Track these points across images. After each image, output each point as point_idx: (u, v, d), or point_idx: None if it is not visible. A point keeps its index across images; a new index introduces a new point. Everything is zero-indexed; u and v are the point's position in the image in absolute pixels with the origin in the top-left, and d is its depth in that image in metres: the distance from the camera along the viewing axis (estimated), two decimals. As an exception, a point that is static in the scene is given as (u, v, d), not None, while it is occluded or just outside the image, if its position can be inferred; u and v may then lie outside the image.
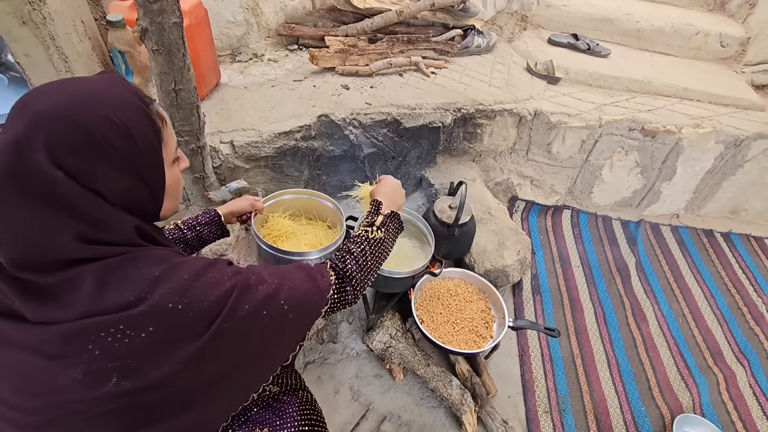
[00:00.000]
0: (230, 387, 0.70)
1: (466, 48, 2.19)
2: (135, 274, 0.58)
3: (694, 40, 2.40)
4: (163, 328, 0.57)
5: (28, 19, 1.09)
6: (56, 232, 0.54)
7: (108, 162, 0.57)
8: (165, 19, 1.14)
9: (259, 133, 1.61)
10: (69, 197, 0.54)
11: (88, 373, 0.55)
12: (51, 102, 0.55)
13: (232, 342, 0.64)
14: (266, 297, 0.66)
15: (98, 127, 0.56)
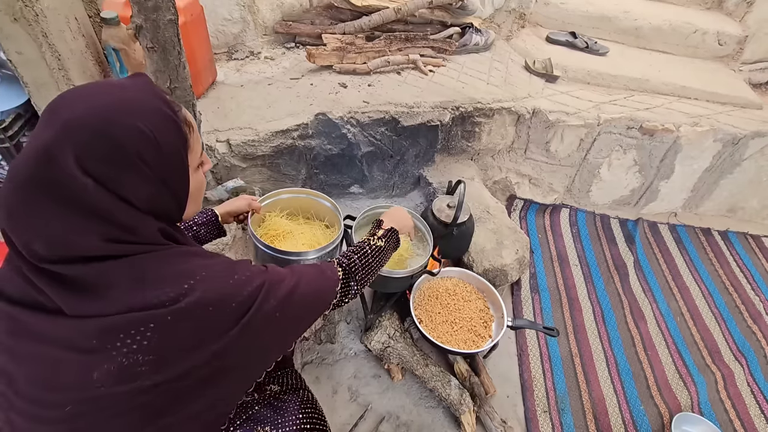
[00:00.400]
0: (241, 375, 0.73)
1: (465, 46, 2.18)
2: (171, 271, 0.60)
3: (692, 39, 2.40)
4: (198, 323, 0.60)
5: (20, 15, 1.08)
6: (84, 234, 0.56)
7: (136, 171, 0.58)
8: (160, 16, 1.12)
9: (256, 132, 1.60)
10: (97, 203, 0.56)
11: (122, 368, 0.56)
12: (81, 110, 0.56)
13: (257, 334, 0.67)
14: (288, 292, 0.71)
15: (128, 137, 0.57)
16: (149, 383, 0.58)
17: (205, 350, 0.61)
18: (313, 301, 0.79)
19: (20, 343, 0.60)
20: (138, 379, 0.57)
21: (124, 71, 1.42)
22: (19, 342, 0.60)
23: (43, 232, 0.55)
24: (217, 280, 0.63)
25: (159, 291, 0.58)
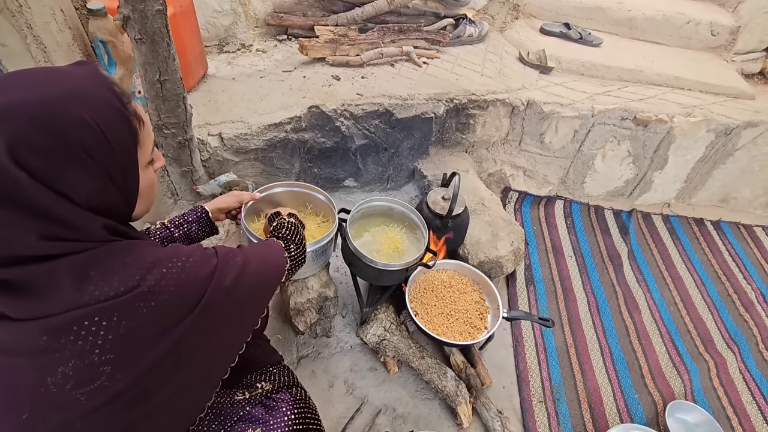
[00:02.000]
0: (208, 371, 0.73)
1: (458, 38, 2.17)
2: (119, 264, 0.57)
3: (685, 29, 2.40)
4: (154, 313, 0.58)
5: (3, 6, 1.05)
6: (19, 232, 0.51)
7: (79, 166, 0.54)
8: (147, 6, 1.10)
9: (248, 125, 1.58)
10: (32, 199, 0.51)
11: (78, 369, 0.54)
12: (21, 97, 0.51)
13: (219, 313, 0.67)
14: (242, 266, 0.72)
15: (72, 130, 0.52)
16: (112, 383, 0.55)
17: (166, 339, 0.59)
18: (267, 269, 0.81)
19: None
20: (99, 378, 0.55)
21: (113, 64, 1.40)
22: None
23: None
24: (168, 267, 0.60)
25: (106, 285, 0.55)
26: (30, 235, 0.52)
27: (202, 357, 0.68)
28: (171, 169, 1.48)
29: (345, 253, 1.44)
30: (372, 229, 1.50)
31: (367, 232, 1.48)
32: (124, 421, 0.59)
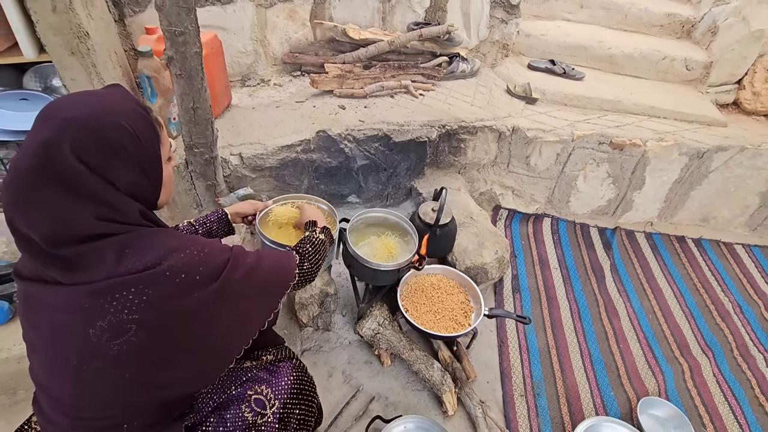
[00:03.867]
0: (223, 342, 0.87)
1: (452, 73, 2.43)
2: (149, 245, 0.73)
3: (662, 65, 2.63)
4: (172, 287, 0.72)
5: (77, 50, 1.33)
6: (80, 213, 0.68)
7: (120, 159, 0.71)
8: (188, 49, 1.37)
9: (265, 147, 1.83)
10: (90, 187, 0.68)
11: (112, 324, 0.69)
12: (74, 112, 0.69)
13: (229, 301, 0.81)
14: (253, 265, 0.86)
15: (113, 133, 0.70)
16: (136, 339, 0.70)
17: (179, 309, 0.73)
18: (277, 275, 0.95)
19: (33, 312, 0.75)
20: (126, 333, 0.69)
21: (155, 95, 1.68)
22: (32, 311, 0.75)
23: (45, 215, 0.66)
24: (188, 252, 0.75)
25: (137, 261, 0.70)
26: (89, 216, 0.68)
27: (216, 331, 0.82)
28: (197, 183, 1.72)
29: (345, 257, 1.63)
30: (370, 236, 1.70)
31: (365, 239, 1.68)
32: (148, 370, 0.76)
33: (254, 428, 0.98)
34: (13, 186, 0.67)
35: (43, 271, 0.71)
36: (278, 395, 1.03)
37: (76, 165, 0.66)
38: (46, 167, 0.65)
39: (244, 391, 1.02)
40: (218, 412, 0.99)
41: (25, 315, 0.78)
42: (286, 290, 0.98)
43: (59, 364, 0.75)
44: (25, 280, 0.74)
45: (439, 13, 2.45)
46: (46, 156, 0.65)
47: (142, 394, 0.79)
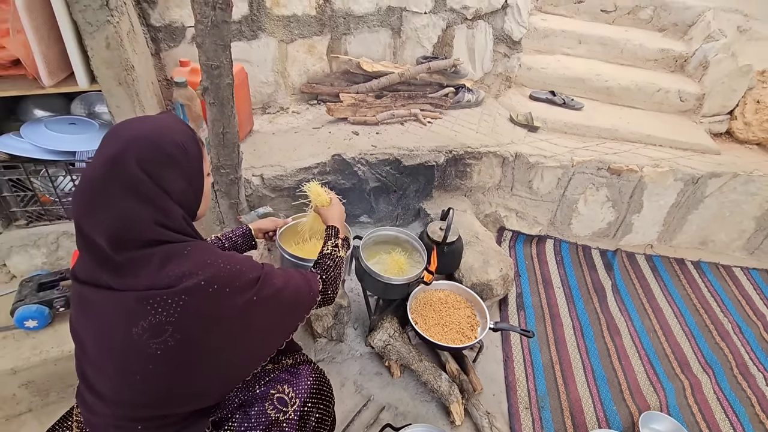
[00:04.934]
0: (248, 353, 0.96)
1: (458, 102, 2.59)
2: (189, 257, 0.82)
3: (657, 96, 2.78)
4: (204, 299, 0.80)
5: (123, 81, 1.49)
6: (141, 216, 0.78)
7: (173, 170, 0.83)
8: (221, 80, 1.53)
9: (284, 169, 1.97)
10: (150, 193, 0.79)
11: (152, 325, 0.78)
12: (137, 131, 0.82)
13: (254, 316, 0.89)
14: (279, 288, 0.94)
15: (169, 147, 0.83)
16: (172, 340, 0.80)
17: (211, 320, 0.82)
18: (298, 303, 1.02)
19: (85, 312, 0.85)
20: (164, 334, 0.78)
21: (186, 120, 1.84)
22: (84, 311, 0.85)
23: (111, 218, 0.76)
24: (221, 268, 0.83)
25: (178, 271, 0.79)
26: (148, 219, 0.79)
27: (243, 341, 0.91)
28: (221, 201, 1.85)
29: (358, 271, 1.74)
30: (381, 253, 1.80)
31: (376, 256, 1.79)
32: (182, 371, 0.85)
33: (276, 425, 1.06)
34: (83, 194, 0.79)
35: (97, 276, 0.81)
36: (299, 394, 1.11)
37: (139, 174, 0.78)
38: (114, 176, 0.77)
39: (267, 390, 1.10)
40: (243, 409, 1.07)
41: (77, 314, 0.88)
42: (308, 312, 1.07)
43: (105, 361, 0.84)
44: (81, 283, 0.85)
45: (445, 48, 2.64)
46: (114, 167, 0.77)
47: (176, 391, 0.87)
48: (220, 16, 1.38)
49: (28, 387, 1.43)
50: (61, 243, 1.64)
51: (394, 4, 2.42)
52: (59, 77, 1.44)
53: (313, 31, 2.34)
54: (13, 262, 1.60)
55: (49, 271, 1.60)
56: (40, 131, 1.48)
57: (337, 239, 1.29)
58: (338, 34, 2.40)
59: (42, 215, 1.59)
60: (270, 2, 2.17)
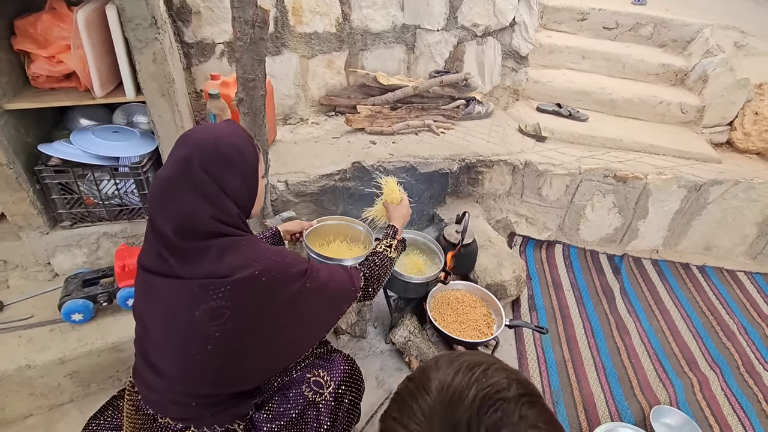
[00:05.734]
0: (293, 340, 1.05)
1: (469, 114, 2.72)
2: (244, 250, 0.91)
3: (659, 108, 2.90)
4: (259, 287, 0.90)
5: (166, 92, 1.61)
6: (201, 211, 0.88)
7: (231, 172, 0.92)
8: (256, 92, 1.65)
9: (307, 175, 2.08)
10: (210, 192, 0.88)
11: (212, 309, 0.87)
12: (203, 135, 0.92)
13: (300, 306, 0.98)
14: (325, 281, 1.04)
15: (229, 151, 0.92)
16: (230, 323, 0.89)
17: (262, 307, 0.91)
18: (340, 296, 1.10)
19: (151, 297, 0.95)
20: (222, 318, 0.87)
21: (217, 130, 1.96)
22: (151, 297, 0.95)
23: (177, 211, 0.87)
24: (273, 260, 0.92)
25: (233, 262, 0.88)
26: (206, 214, 0.88)
27: (289, 329, 1.00)
28: (249, 206, 1.96)
29: (379, 271, 1.83)
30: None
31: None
32: (235, 353, 0.95)
33: (313, 406, 1.15)
34: (157, 191, 0.90)
35: (164, 265, 0.91)
36: (333, 378, 1.20)
37: (202, 175, 0.88)
38: (182, 176, 0.88)
39: (303, 374, 1.20)
40: (281, 392, 1.17)
41: (143, 299, 0.98)
42: (348, 306, 1.15)
43: (169, 342, 0.94)
44: (147, 271, 0.95)
45: (456, 63, 2.78)
46: (183, 167, 0.88)
47: (228, 371, 0.97)
48: (257, 34, 1.51)
49: (72, 377, 1.52)
50: (101, 243, 1.75)
51: (409, 22, 2.57)
52: (108, 89, 1.57)
53: (333, 47, 2.48)
54: (57, 260, 1.71)
55: (90, 269, 1.71)
56: (88, 138, 1.60)
57: (392, 240, 1.36)
58: (356, 50, 2.55)
59: (85, 217, 1.70)
60: (293, 20, 2.32)
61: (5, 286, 1.66)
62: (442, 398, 0.44)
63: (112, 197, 1.70)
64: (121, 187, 1.68)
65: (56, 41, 1.47)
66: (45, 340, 1.48)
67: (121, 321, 1.57)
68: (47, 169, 1.56)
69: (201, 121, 2.28)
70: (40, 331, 1.51)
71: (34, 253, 1.66)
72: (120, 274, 1.55)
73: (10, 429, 1.48)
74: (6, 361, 1.40)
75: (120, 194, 1.70)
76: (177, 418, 0.98)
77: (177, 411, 0.98)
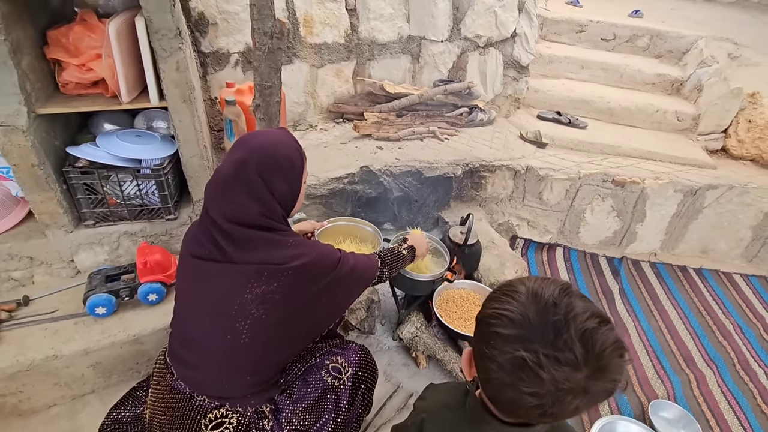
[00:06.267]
0: (323, 317, 1.20)
1: (472, 121, 2.81)
2: (294, 246, 1.04)
3: (655, 116, 2.99)
4: (302, 276, 1.03)
5: (187, 98, 1.70)
6: (250, 208, 1.00)
7: (279, 176, 1.04)
8: (272, 99, 1.75)
9: (317, 179, 2.17)
10: (260, 193, 1.01)
11: (263, 293, 1.00)
12: (258, 141, 1.05)
13: (334, 289, 1.13)
14: (352, 266, 1.18)
15: (279, 157, 1.04)
16: (278, 306, 1.02)
17: (308, 295, 1.06)
18: (364, 276, 1.26)
19: (201, 282, 1.05)
20: (271, 302, 1.02)
21: (232, 134, 2.05)
22: (202, 281, 1.05)
23: (231, 205, 0.99)
24: (314, 252, 1.07)
25: (284, 253, 1.02)
26: (255, 211, 1.00)
27: (320, 310, 1.14)
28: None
29: (387, 270, 1.91)
30: (407, 254, 1.98)
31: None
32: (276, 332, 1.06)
33: (332, 389, 1.23)
34: (215, 186, 1.02)
35: (215, 252, 1.02)
36: (351, 364, 1.28)
37: (255, 177, 1.00)
38: (237, 176, 0.99)
39: (322, 361, 1.28)
40: (302, 377, 1.24)
41: (193, 284, 1.08)
42: (367, 286, 1.30)
43: (217, 322, 1.03)
44: (198, 258, 1.05)
45: (460, 72, 2.88)
46: (239, 168, 0.99)
47: (269, 349, 1.08)
48: (275, 44, 1.61)
49: (95, 368, 1.59)
50: (122, 242, 1.83)
51: (414, 33, 2.68)
52: (133, 95, 1.67)
53: (341, 57, 2.59)
54: (79, 258, 1.79)
55: (111, 266, 1.78)
56: (113, 141, 1.69)
57: (409, 249, 1.51)
58: (363, 59, 2.65)
59: (107, 216, 1.78)
60: (304, 32, 2.42)
61: (31, 281, 1.74)
62: (528, 290, 0.62)
63: (134, 198, 1.79)
64: (143, 188, 1.76)
65: (86, 50, 1.56)
66: (70, 332, 1.56)
67: (141, 315, 1.64)
68: (74, 170, 1.64)
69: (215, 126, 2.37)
70: (64, 324, 1.59)
71: (59, 250, 1.74)
72: (142, 270, 1.63)
73: (35, 417, 1.55)
74: (34, 351, 1.47)
75: (141, 195, 1.78)
76: (214, 396, 1.06)
77: (215, 389, 1.06)
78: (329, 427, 1.19)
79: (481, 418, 0.70)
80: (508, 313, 0.60)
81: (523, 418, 0.66)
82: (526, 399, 0.57)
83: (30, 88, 1.47)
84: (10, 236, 1.68)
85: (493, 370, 0.61)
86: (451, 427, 0.75)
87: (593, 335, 0.57)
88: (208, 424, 1.06)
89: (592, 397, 0.58)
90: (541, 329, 0.58)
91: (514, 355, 0.57)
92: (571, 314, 0.58)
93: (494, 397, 0.65)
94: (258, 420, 1.10)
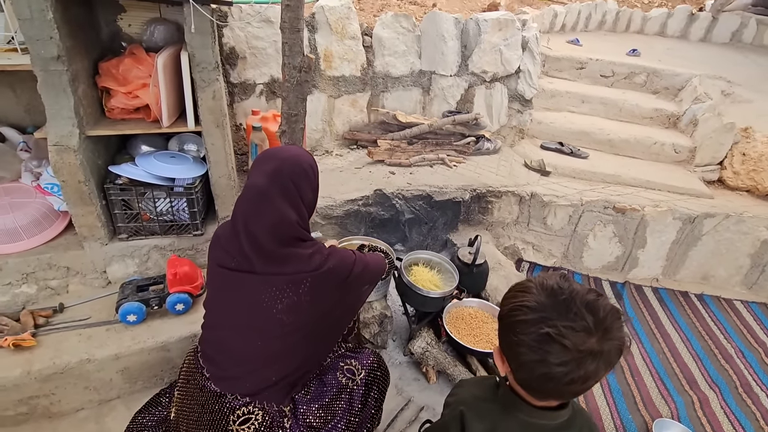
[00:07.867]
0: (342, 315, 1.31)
1: (479, 149, 2.97)
2: (315, 254, 1.13)
3: (653, 148, 3.14)
4: (328, 281, 1.13)
5: (220, 124, 1.86)
6: (288, 216, 1.09)
7: (307, 184, 1.16)
8: (297, 126, 1.90)
9: (334, 200, 2.30)
10: (295, 200, 1.10)
11: (292, 303, 1.10)
12: (285, 154, 1.16)
13: (352, 288, 1.25)
14: (366, 265, 1.28)
15: (306, 168, 1.16)
16: (306, 311, 1.12)
17: (332, 297, 1.17)
18: (377, 271, 1.37)
19: (232, 292, 1.15)
20: (300, 307, 1.11)
21: (257, 158, 2.20)
22: (231, 292, 1.15)
23: (271, 215, 1.05)
24: (337, 258, 1.16)
25: (312, 263, 1.10)
26: (292, 219, 1.09)
27: (342, 314, 1.27)
28: (282, 226, 2.18)
29: (399, 287, 2.01)
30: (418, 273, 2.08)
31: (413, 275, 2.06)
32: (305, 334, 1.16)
33: (347, 390, 1.31)
34: (251, 201, 1.10)
35: (248, 264, 1.10)
36: (364, 367, 1.37)
37: (290, 184, 1.10)
38: (274, 183, 1.09)
39: (337, 362, 1.37)
40: (319, 377, 1.33)
41: (225, 294, 1.17)
42: (379, 280, 1.42)
43: (253, 330, 1.13)
44: (229, 269, 1.14)
45: (467, 104, 3.07)
46: (275, 177, 1.09)
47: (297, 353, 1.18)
48: (303, 77, 1.78)
49: (123, 373, 1.67)
50: (151, 255, 1.95)
51: (425, 68, 2.88)
52: (172, 120, 1.83)
53: (357, 88, 2.78)
54: (111, 269, 1.90)
55: (141, 277, 1.90)
56: (151, 162, 1.84)
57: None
58: (377, 91, 2.84)
59: (140, 231, 1.91)
60: (324, 65, 2.62)
61: (66, 290, 1.85)
62: (536, 283, 0.75)
63: (165, 213, 1.92)
64: (175, 205, 1.90)
65: (134, 80, 1.74)
66: (102, 338, 1.65)
67: (169, 323, 1.74)
68: (114, 187, 1.79)
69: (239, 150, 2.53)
70: (97, 330, 1.68)
71: (94, 261, 1.86)
72: (171, 281, 1.74)
73: (64, 420, 1.62)
74: (69, 354, 1.56)
75: (172, 211, 1.91)
76: (245, 393, 1.15)
77: (245, 388, 1.15)
78: (342, 426, 1.27)
79: (514, 405, 0.81)
80: (526, 303, 0.73)
81: (552, 395, 0.77)
82: (555, 370, 0.68)
83: (82, 113, 1.64)
84: (50, 247, 1.81)
85: (523, 353, 0.71)
86: (489, 414, 0.85)
87: (595, 304, 0.70)
88: (236, 420, 1.15)
89: (607, 357, 0.69)
90: (555, 308, 0.70)
91: (539, 333, 0.69)
92: (574, 293, 0.71)
93: (527, 378, 0.75)
94: (280, 418, 1.18)
